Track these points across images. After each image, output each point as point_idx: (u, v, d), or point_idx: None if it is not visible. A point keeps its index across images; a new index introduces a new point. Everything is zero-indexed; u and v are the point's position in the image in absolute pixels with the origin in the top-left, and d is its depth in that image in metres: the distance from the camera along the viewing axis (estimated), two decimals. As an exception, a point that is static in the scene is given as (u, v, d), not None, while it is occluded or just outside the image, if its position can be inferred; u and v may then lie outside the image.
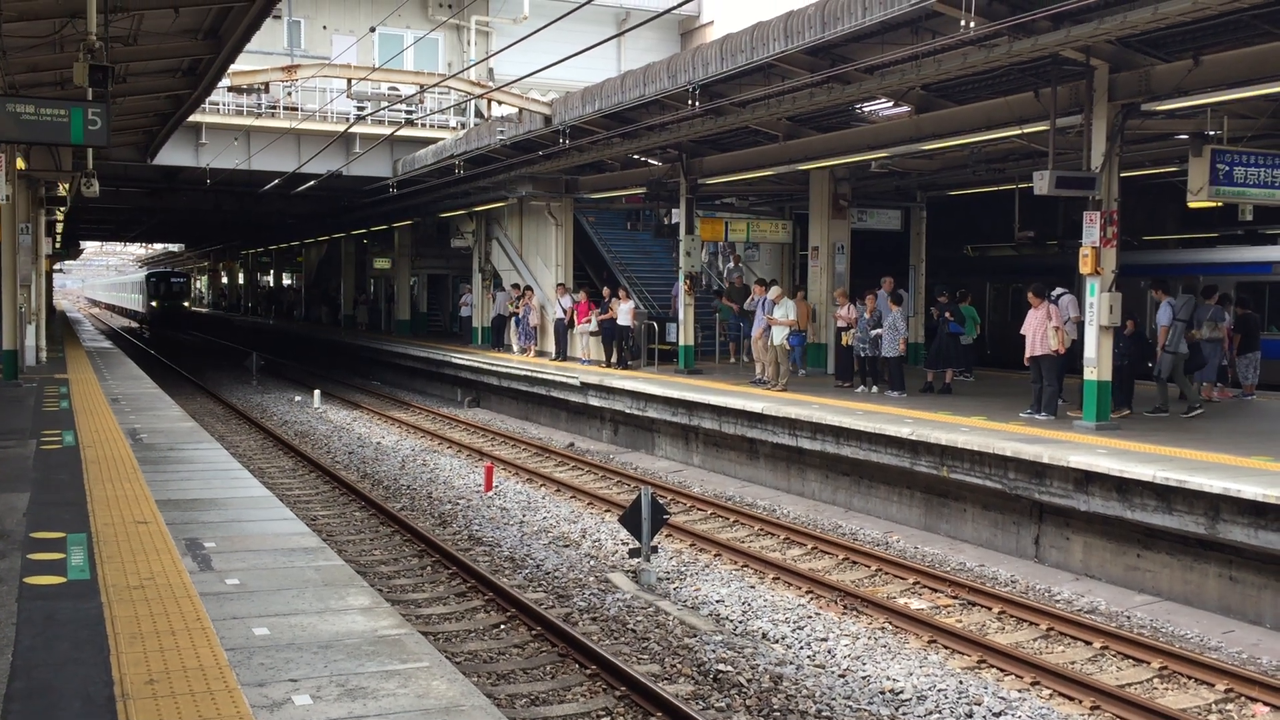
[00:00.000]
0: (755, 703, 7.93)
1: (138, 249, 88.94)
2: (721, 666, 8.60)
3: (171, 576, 6.74)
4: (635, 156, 21.45)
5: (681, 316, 21.25)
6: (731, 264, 28.95)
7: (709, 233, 22.05)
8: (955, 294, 18.64)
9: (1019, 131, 14.37)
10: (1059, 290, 15.11)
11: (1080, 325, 14.12)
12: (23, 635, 5.62)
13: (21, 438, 12.23)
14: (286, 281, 59.90)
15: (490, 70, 31.64)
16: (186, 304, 69.10)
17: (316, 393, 26.94)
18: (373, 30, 29.59)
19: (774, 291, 18.16)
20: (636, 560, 11.25)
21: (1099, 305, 12.86)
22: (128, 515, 8.39)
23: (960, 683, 8.46)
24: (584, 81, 20.85)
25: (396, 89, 27.00)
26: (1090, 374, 13.05)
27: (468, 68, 31.62)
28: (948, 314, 17.45)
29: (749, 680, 8.35)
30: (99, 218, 45.77)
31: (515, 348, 26.45)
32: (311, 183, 27.46)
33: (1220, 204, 14.13)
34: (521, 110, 20.84)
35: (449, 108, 28.82)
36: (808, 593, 10.84)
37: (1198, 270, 20.55)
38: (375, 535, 13.04)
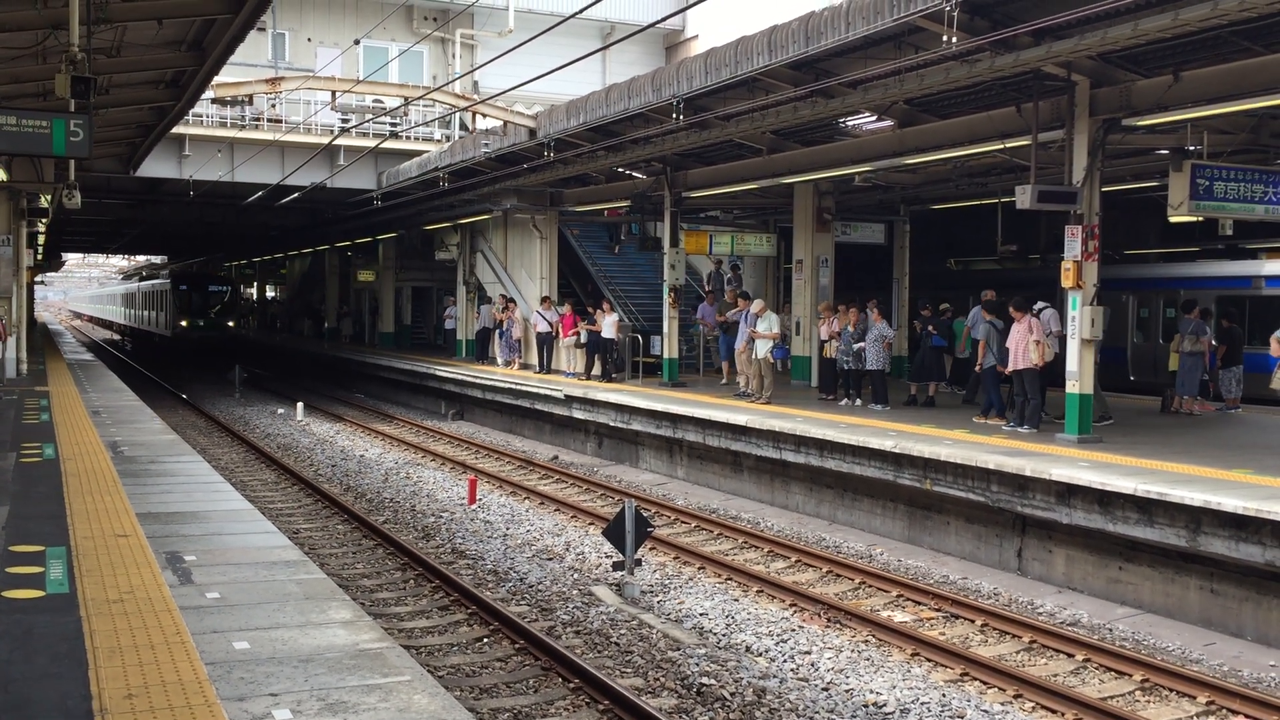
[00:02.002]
0: (739, 716, 7.92)
1: (120, 260, 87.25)
2: (705, 680, 8.58)
3: (151, 590, 6.70)
4: (620, 169, 21.48)
5: (665, 329, 21.25)
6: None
7: (693, 245, 22.07)
8: (938, 307, 18.71)
9: (1001, 146, 14.47)
10: (1040, 304, 15.19)
11: (1062, 339, 14.19)
12: (0, 649, 5.57)
13: (1, 450, 12.13)
14: (270, 294, 59.61)
15: (475, 83, 31.66)
16: (232, 323, 48.17)
17: (299, 405, 26.85)
18: (357, 43, 29.58)
19: (757, 304, 18.19)
20: (620, 573, 11.24)
21: (1081, 319, 12.93)
22: (108, 528, 8.33)
23: (943, 695, 8.46)
24: (569, 95, 20.87)
25: (381, 101, 26.97)
26: (1072, 387, 13.11)
27: (453, 80, 31.64)
28: (930, 327, 17.50)
29: (732, 694, 8.33)
30: (81, 229, 45.58)
31: (500, 360, 26.43)
32: (295, 195, 27.41)
33: (1201, 219, 14.24)
34: (506, 123, 20.85)
35: (434, 120, 28.81)
36: (791, 606, 10.83)
37: (1179, 284, 20.70)
38: (358, 549, 12.98)
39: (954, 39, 11.06)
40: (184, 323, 46.01)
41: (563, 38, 23.55)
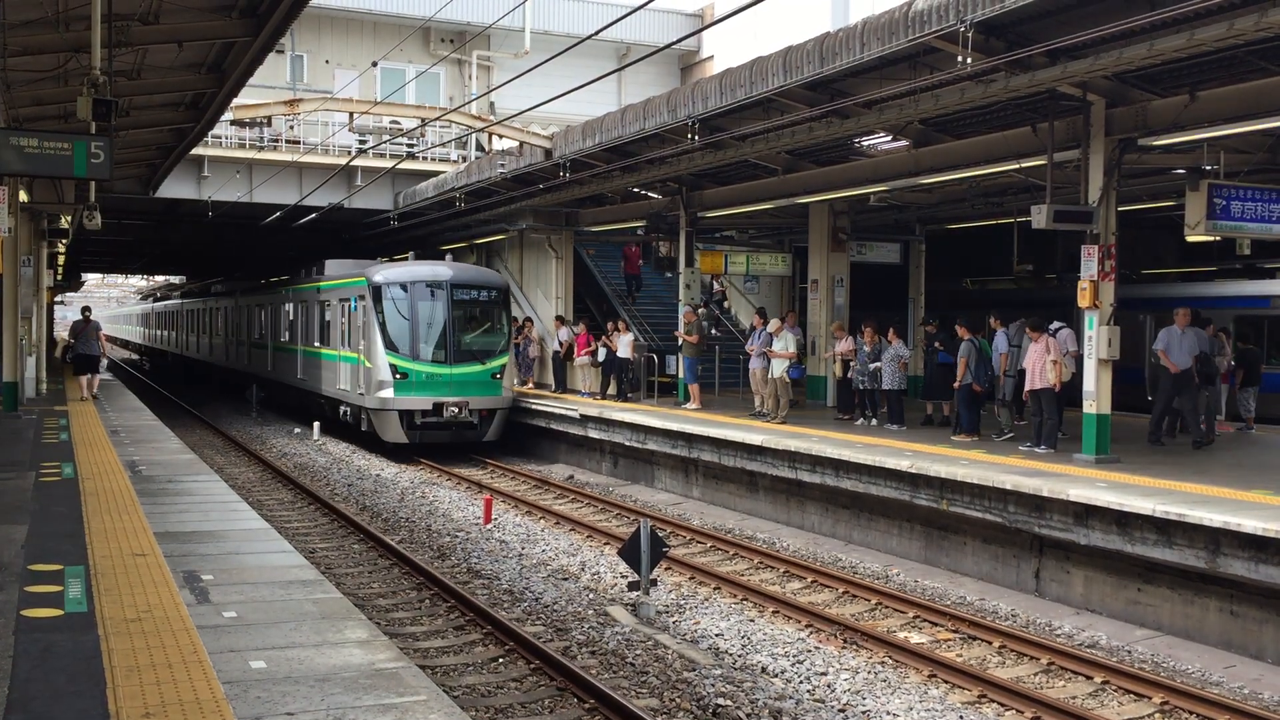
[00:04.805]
0: (755, 737, 7.88)
1: (139, 281, 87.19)
2: (721, 700, 8.55)
3: (169, 609, 6.72)
4: (635, 189, 21.56)
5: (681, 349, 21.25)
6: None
7: (709, 265, 22.11)
8: (948, 324, 18.64)
9: (1016, 166, 14.47)
10: (1056, 324, 15.16)
11: (1079, 359, 14.16)
12: (20, 667, 5.60)
13: (20, 469, 12.21)
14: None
15: (491, 104, 31.83)
16: (497, 372, 22.26)
17: (316, 425, 26.91)
18: (375, 65, 29.78)
19: (773, 324, 18.19)
20: (636, 593, 11.21)
21: (1098, 338, 12.89)
22: (126, 547, 8.37)
23: (961, 718, 8.41)
24: (584, 115, 20.97)
25: (398, 122, 27.18)
26: (1089, 407, 13.06)
27: (469, 101, 31.80)
28: (937, 344, 17.38)
29: (748, 715, 8.30)
30: (101, 250, 45.94)
31: (515, 380, 26.44)
32: (313, 215, 27.58)
33: (1218, 238, 14.20)
34: (522, 144, 20.96)
35: (450, 141, 28.98)
36: (807, 626, 10.79)
37: (1195, 304, 20.59)
38: (374, 568, 12.99)
39: (969, 59, 11.09)
40: (397, 370, 21.61)
41: (579, 59, 23.67)
